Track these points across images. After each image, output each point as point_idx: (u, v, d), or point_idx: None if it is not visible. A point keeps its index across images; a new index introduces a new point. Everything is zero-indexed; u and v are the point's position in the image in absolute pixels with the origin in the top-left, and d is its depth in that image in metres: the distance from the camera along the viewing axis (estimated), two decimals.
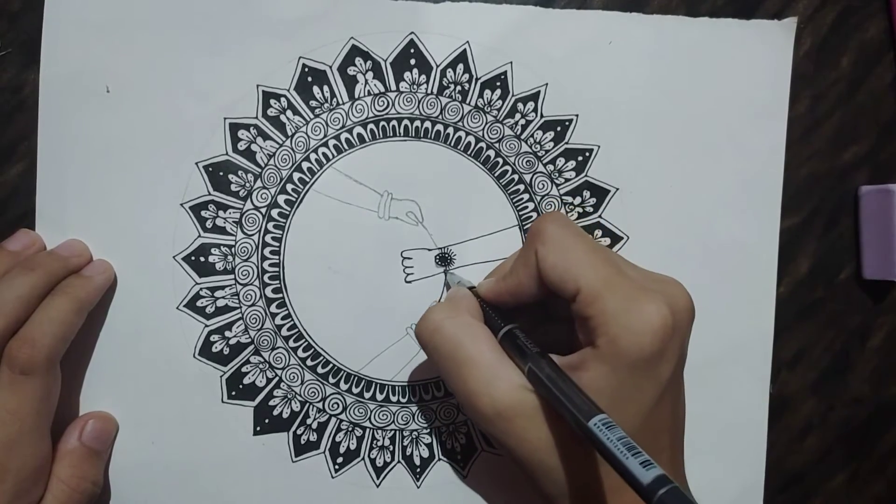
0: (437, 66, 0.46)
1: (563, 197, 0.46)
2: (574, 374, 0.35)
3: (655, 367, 0.35)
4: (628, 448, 0.30)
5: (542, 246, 0.37)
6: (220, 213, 0.46)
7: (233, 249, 0.46)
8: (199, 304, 0.46)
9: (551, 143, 0.46)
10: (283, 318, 0.46)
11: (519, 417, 0.36)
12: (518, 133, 0.46)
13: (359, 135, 0.46)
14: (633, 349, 0.34)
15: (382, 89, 0.46)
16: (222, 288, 0.46)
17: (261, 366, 0.46)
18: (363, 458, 0.47)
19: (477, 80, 0.46)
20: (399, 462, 0.47)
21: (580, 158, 0.46)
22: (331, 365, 0.46)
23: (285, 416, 0.46)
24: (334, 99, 0.46)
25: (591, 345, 0.35)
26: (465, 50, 0.46)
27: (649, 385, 0.35)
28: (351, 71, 0.46)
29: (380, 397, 0.46)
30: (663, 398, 0.36)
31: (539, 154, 0.46)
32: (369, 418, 0.47)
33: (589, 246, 0.37)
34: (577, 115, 0.46)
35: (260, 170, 0.46)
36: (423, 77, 0.46)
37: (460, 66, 0.46)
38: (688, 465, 0.46)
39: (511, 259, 0.44)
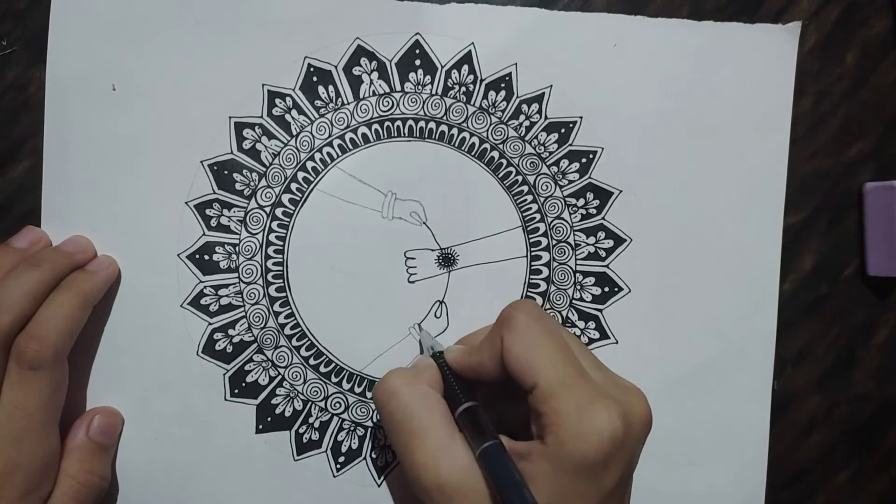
0: (442, 67, 0.49)
1: (567, 198, 0.50)
2: (520, 463, 0.38)
3: (600, 474, 0.37)
4: None
5: (508, 333, 0.40)
6: (225, 211, 0.49)
7: (237, 248, 0.49)
8: (202, 302, 0.49)
9: (555, 145, 0.49)
10: (286, 317, 0.49)
11: (460, 497, 0.38)
12: (522, 134, 0.49)
13: (363, 135, 0.49)
14: (577, 455, 0.36)
15: (387, 89, 0.49)
16: (226, 286, 0.49)
17: (263, 364, 0.49)
18: (365, 458, 0.50)
19: (482, 81, 0.49)
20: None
21: (584, 160, 0.49)
22: (333, 364, 0.49)
23: (287, 414, 0.49)
24: (339, 99, 0.49)
25: (541, 439, 0.38)
26: (470, 51, 0.49)
27: (591, 491, 0.37)
28: (356, 71, 0.49)
29: None
30: None
31: (543, 155, 0.49)
32: (371, 418, 0.50)
33: (554, 343, 0.40)
34: (581, 117, 0.49)
35: (264, 169, 0.49)
36: (428, 78, 0.49)
37: (465, 68, 0.49)
38: (689, 464, 0.49)
39: (483, 331, 0.47)
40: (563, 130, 0.49)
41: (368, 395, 0.50)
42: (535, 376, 0.39)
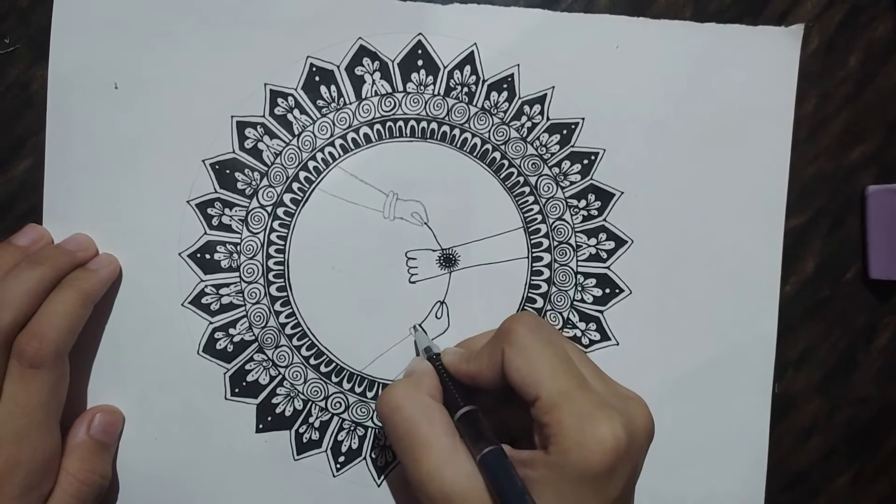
0: (445, 68, 0.49)
1: (569, 200, 0.50)
2: (522, 471, 0.38)
3: (603, 485, 0.37)
4: None
5: (508, 346, 0.41)
6: (227, 210, 0.49)
7: (238, 247, 0.49)
8: (203, 301, 0.49)
9: (557, 146, 0.50)
10: (287, 317, 0.50)
11: None
12: (524, 135, 0.50)
13: (365, 135, 0.49)
14: (581, 465, 0.36)
15: (389, 90, 0.49)
16: (227, 285, 0.49)
17: (264, 364, 0.50)
18: (365, 458, 0.50)
19: (484, 81, 0.49)
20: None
21: (586, 161, 0.50)
22: (334, 364, 0.50)
23: (288, 414, 0.50)
24: (341, 98, 0.49)
25: (544, 450, 0.38)
26: (472, 52, 0.49)
27: (595, 501, 0.37)
28: (358, 71, 0.49)
29: None
30: None
31: (545, 157, 0.50)
32: (371, 418, 0.50)
33: (555, 354, 0.40)
34: (583, 119, 0.49)
35: (266, 168, 0.49)
36: (431, 78, 0.49)
37: (467, 68, 0.49)
38: (689, 466, 0.50)
39: (481, 337, 0.47)
40: (564, 132, 0.50)
41: (369, 395, 0.50)
42: (536, 388, 0.39)
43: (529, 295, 0.50)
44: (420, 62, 0.49)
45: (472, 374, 0.43)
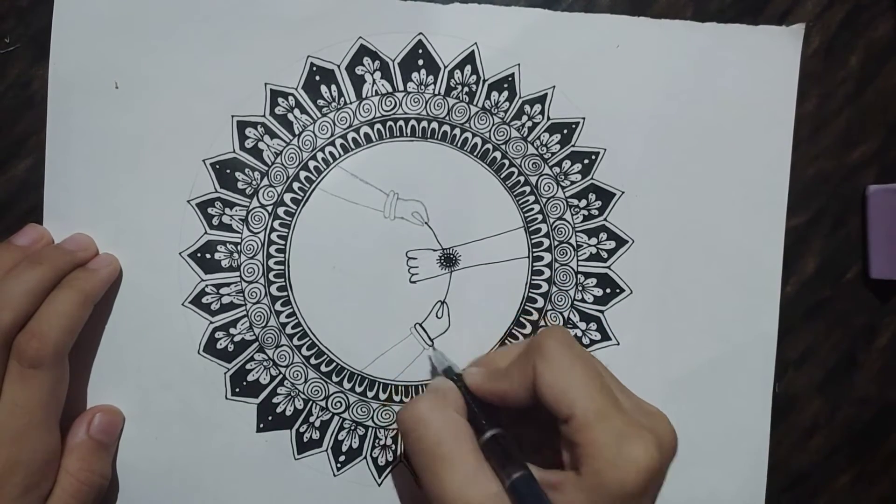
0: (445, 67, 0.49)
1: (569, 199, 0.50)
2: (551, 493, 0.38)
3: (633, 503, 0.37)
4: None
5: (541, 362, 0.40)
6: (227, 210, 0.49)
7: (238, 247, 0.49)
8: (204, 300, 0.49)
9: (558, 146, 0.50)
10: (287, 316, 0.50)
11: None
12: (524, 135, 0.50)
13: (366, 134, 0.49)
14: (615, 486, 0.36)
15: (390, 89, 0.49)
16: (228, 285, 0.49)
17: (265, 363, 0.50)
18: (365, 457, 0.50)
19: (484, 81, 0.49)
20: (401, 461, 0.50)
21: (586, 161, 0.50)
22: (334, 364, 0.50)
23: (288, 413, 0.50)
24: (342, 98, 0.49)
25: (575, 470, 0.38)
26: (473, 51, 0.49)
27: None
28: (359, 70, 0.49)
29: (382, 397, 0.50)
30: None
31: (545, 156, 0.50)
32: (372, 417, 0.50)
33: (588, 371, 0.39)
34: (583, 118, 0.49)
35: (267, 168, 0.49)
36: (431, 78, 0.49)
37: (468, 68, 0.49)
38: (689, 467, 0.49)
39: (502, 354, 0.45)
40: (565, 131, 0.50)
41: (369, 394, 0.50)
42: (570, 406, 0.38)
43: (530, 295, 0.50)
44: (420, 62, 0.49)
45: (501, 393, 0.42)
